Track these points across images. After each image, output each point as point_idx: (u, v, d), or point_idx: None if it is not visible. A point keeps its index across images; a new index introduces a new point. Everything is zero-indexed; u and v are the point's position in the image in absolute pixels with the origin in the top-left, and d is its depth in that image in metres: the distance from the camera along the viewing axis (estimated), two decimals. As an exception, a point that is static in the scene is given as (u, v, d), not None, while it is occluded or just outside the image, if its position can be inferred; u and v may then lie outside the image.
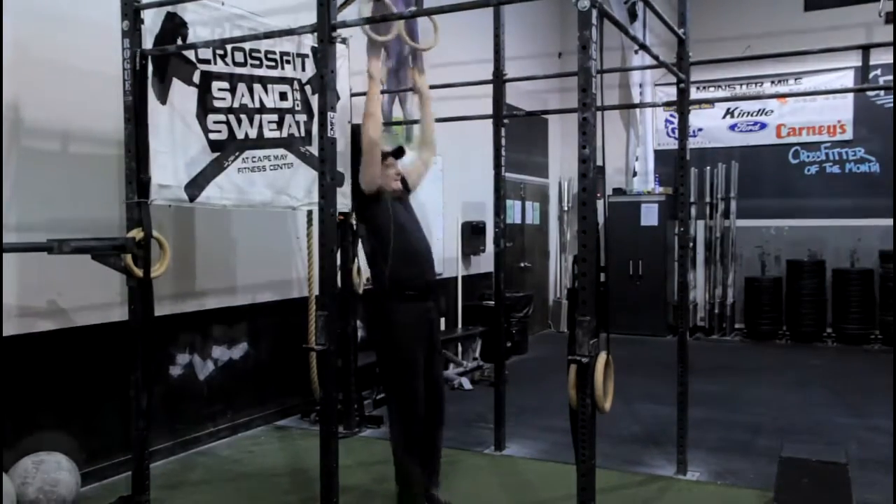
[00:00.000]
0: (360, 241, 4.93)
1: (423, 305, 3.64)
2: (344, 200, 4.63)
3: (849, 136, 9.13)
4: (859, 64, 4.65)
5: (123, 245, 3.50)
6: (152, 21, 3.62)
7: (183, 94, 3.81)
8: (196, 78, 3.88)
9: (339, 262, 4.59)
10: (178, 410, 4.62)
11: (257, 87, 4.24)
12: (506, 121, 4.71)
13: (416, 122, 4.29)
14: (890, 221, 7.94)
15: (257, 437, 5.02)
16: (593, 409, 2.60)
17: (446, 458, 4.57)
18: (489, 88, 4.74)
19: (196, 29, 3.80)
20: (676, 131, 4.40)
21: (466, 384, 6.49)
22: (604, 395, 2.62)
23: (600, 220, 2.74)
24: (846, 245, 9.08)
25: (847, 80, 8.77)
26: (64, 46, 3.90)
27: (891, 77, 8.06)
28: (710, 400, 5.82)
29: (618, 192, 9.79)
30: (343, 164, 4.48)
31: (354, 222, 4.99)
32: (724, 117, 9.72)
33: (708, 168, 9.68)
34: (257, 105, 4.23)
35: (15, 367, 3.67)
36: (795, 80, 9.22)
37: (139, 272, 3.54)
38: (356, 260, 5.12)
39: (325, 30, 3.06)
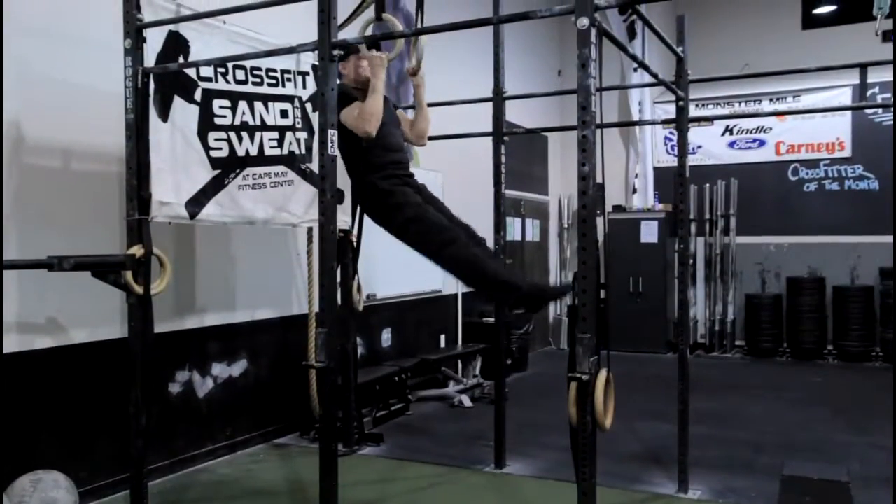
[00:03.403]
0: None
1: (407, 179, 3.86)
2: (344, 217, 4.65)
3: (847, 153, 9.17)
4: (857, 82, 4.66)
5: (123, 262, 3.50)
6: (154, 39, 3.64)
7: (184, 112, 3.83)
8: (197, 95, 3.90)
9: (339, 278, 4.59)
10: (176, 428, 4.60)
11: (258, 104, 4.26)
12: (506, 138, 4.73)
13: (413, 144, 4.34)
14: (890, 238, 7.95)
15: (256, 455, 5.00)
16: (594, 426, 2.59)
17: (446, 476, 4.57)
18: (489, 106, 4.77)
19: (197, 46, 3.83)
20: (676, 148, 4.42)
21: (466, 402, 6.47)
22: (604, 412, 2.61)
23: (600, 237, 2.74)
24: (846, 262, 9.09)
25: (845, 97, 8.82)
26: (66, 63, 3.92)
27: (888, 94, 8.12)
28: (710, 417, 5.80)
29: (617, 209, 9.80)
30: (343, 181, 4.49)
31: (355, 239, 5.00)
32: (722, 134, 9.76)
33: (707, 185, 9.71)
34: (258, 122, 4.25)
35: (13, 385, 3.66)
36: (794, 97, 9.27)
37: (139, 289, 3.54)
38: (356, 277, 5.12)
39: (326, 48, 3.09)
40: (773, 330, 9.19)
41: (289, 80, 4.47)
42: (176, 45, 3.76)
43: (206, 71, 3.93)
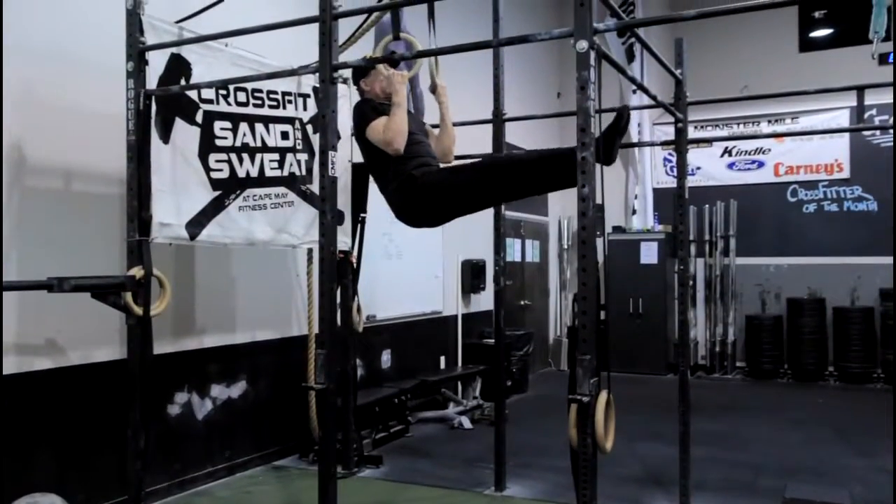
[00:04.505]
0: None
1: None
2: (344, 238, 4.65)
3: (846, 174, 9.20)
4: (854, 104, 4.69)
5: (123, 283, 3.51)
6: (157, 62, 3.67)
7: (185, 134, 3.85)
8: (199, 117, 3.92)
9: (338, 299, 4.59)
10: (175, 450, 4.57)
11: (259, 126, 4.28)
12: (505, 160, 4.75)
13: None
14: (890, 259, 7.95)
15: (255, 478, 4.97)
16: (594, 448, 2.58)
17: (446, 499, 4.53)
18: (489, 127, 4.79)
19: (199, 69, 3.86)
20: (675, 169, 4.44)
21: (466, 423, 6.44)
22: (605, 434, 2.60)
23: (600, 258, 2.75)
24: (846, 283, 9.09)
25: (843, 119, 8.86)
26: (68, 86, 3.95)
27: (886, 116, 8.16)
28: (712, 439, 5.77)
29: (617, 230, 9.82)
30: (343, 203, 4.50)
31: (355, 260, 5.00)
32: (721, 156, 9.80)
33: (707, 206, 9.73)
34: (259, 144, 4.27)
35: (12, 406, 3.65)
36: (792, 119, 9.32)
37: (139, 310, 3.54)
38: (356, 298, 5.11)
39: (327, 70, 3.11)
40: (773, 351, 9.16)
41: (290, 102, 4.49)
42: (178, 68, 3.78)
43: (208, 93, 3.96)
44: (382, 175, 3.72)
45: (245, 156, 4.18)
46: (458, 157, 5.08)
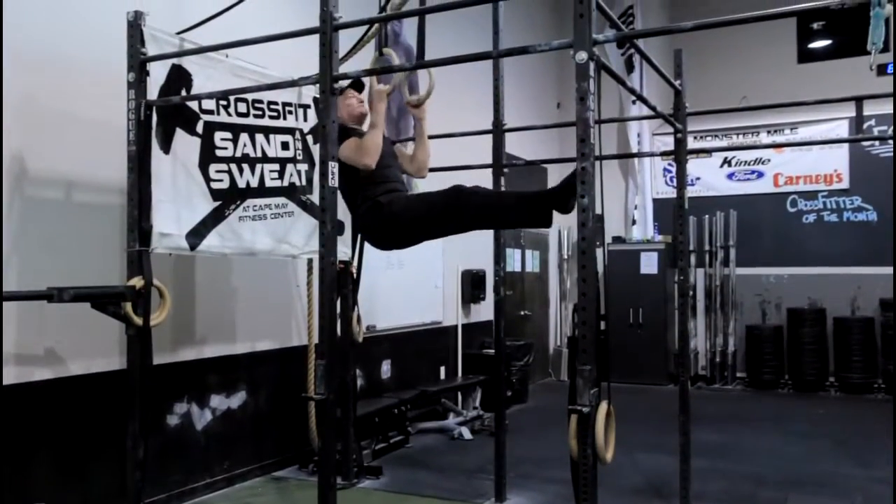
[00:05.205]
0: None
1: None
2: (344, 249, 4.65)
3: (845, 185, 9.22)
4: (853, 114, 4.70)
5: (123, 293, 3.51)
6: (158, 73, 3.69)
7: (186, 144, 3.86)
8: (199, 128, 3.93)
9: (338, 310, 4.59)
10: (174, 461, 4.56)
11: (259, 136, 4.29)
12: (505, 170, 4.76)
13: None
14: (889, 270, 7.96)
15: (255, 489, 4.95)
16: (594, 459, 2.57)
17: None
18: (489, 137, 4.80)
19: (200, 80, 3.87)
20: (675, 180, 4.45)
21: (466, 434, 6.43)
22: (605, 445, 2.60)
23: (600, 268, 2.75)
24: (846, 293, 9.08)
25: (842, 130, 8.89)
26: (69, 95, 3.96)
27: (885, 127, 8.18)
28: (712, 450, 5.75)
29: (617, 240, 9.82)
30: (343, 213, 4.51)
31: (355, 270, 5.00)
32: (721, 166, 9.81)
33: (706, 216, 9.74)
34: (259, 154, 4.28)
35: (11, 416, 3.64)
36: (791, 129, 9.34)
37: (138, 321, 3.54)
38: (356, 308, 5.11)
39: (327, 81, 3.12)
40: (774, 361, 9.15)
41: (290, 112, 4.50)
42: (179, 78, 3.80)
43: (209, 104, 3.97)
44: (352, 198, 3.83)
45: (245, 166, 4.19)
46: (458, 168, 5.12)
